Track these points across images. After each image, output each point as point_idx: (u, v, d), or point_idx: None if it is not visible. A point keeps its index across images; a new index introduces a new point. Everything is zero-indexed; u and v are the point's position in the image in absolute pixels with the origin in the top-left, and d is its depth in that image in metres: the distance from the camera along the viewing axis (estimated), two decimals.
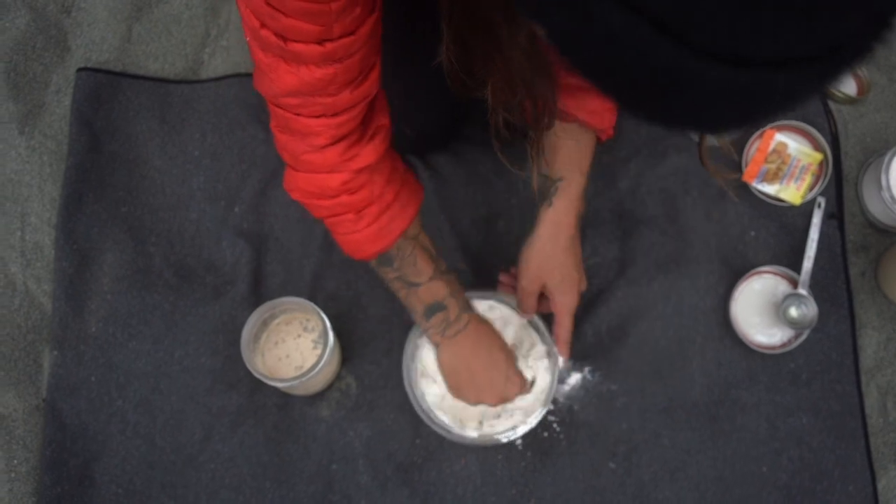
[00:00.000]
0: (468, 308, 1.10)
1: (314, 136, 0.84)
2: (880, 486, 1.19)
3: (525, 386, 1.14)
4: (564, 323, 1.12)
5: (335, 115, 0.82)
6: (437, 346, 1.11)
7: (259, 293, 1.28)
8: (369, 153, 0.88)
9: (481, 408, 1.15)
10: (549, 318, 1.15)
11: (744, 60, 0.39)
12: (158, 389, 1.26)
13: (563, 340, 1.13)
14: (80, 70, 1.38)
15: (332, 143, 0.85)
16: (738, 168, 1.27)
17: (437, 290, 1.05)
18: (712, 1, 0.37)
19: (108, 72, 1.38)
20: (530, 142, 0.90)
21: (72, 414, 1.25)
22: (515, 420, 1.15)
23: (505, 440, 1.15)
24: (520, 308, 1.14)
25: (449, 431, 1.15)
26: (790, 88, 0.41)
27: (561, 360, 1.16)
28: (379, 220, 0.95)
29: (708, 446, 1.20)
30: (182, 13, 1.41)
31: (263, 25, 0.71)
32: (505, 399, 1.12)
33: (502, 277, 1.19)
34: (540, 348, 1.17)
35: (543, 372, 1.16)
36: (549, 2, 0.43)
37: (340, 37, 0.72)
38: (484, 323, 1.13)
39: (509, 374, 1.12)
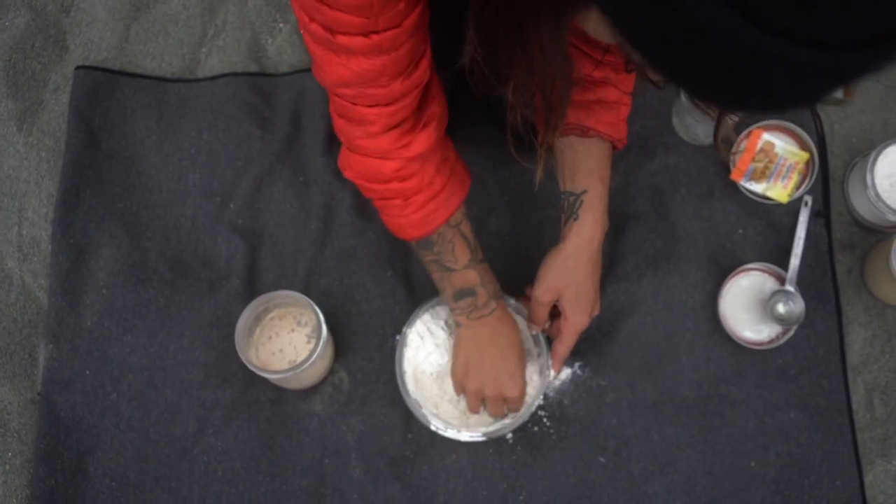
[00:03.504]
0: (498, 297, 1.12)
1: (369, 124, 0.87)
2: (867, 480, 1.20)
3: (522, 396, 1.15)
4: (567, 341, 1.13)
5: (388, 104, 0.85)
6: (459, 325, 1.12)
7: (253, 288, 1.29)
8: (422, 141, 0.91)
9: (465, 411, 1.17)
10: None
11: (822, 43, 0.42)
12: (153, 383, 1.26)
13: (559, 357, 1.14)
14: (78, 68, 1.39)
15: (386, 131, 0.88)
16: (726, 168, 1.29)
17: (470, 277, 1.07)
18: None
19: (105, 70, 1.40)
20: (542, 140, 0.91)
21: (66, 407, 1.26)
22: (505, 422, 1.17)
23: (496, 437, 1.16)
24: (530, 318, 1.15)
25: (441, 429, 1.17)
26: (859, 68, 0.44)
27: (551, 373, 1.18)
28: (426, 208, 0.98)
29: (697, 441, 1.22)
30: (179, 13, 1.43)
31: (312, 19, 0.75)
32: (502, 395, 1.13)
33: (528, 291, 1.19)
34: (533, 353, 1.18)
35: (534, 375, 1.18)
36: None
37: (386, 29, 0.75)
38: (509, 316, 1.14)
39: (515, 374, 1.13)
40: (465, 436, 1.16)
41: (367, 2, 0.71)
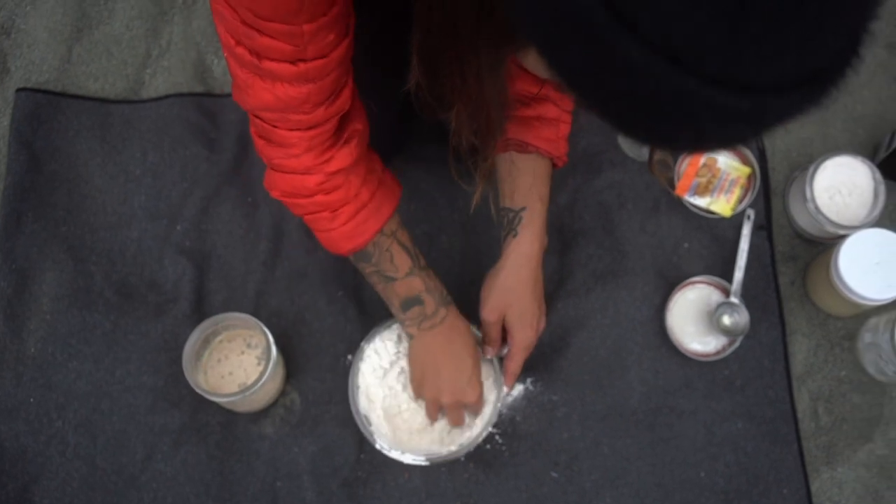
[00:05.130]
0: (446, 302, 1.11)
1: (290, 146, 0.87)
2: (813, 487, 1.22)
3: (480, 401, 1.15)
4: (517, 358, 1.14)
5: (309, 128, 0.85)
6: (411, 336, 1.12)
7: (202, 311, 1.28)
8: (343, 157, 0.91)
9: (425, 435, 1.17)
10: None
11: (748, 87, 0.43)
12: (99, 409, 1.24)
13: (511, 373, 1.16)
14: (19, 90, 1.37)
15: (307, 152, 0.88)
16: (671, 183, 1.31)
17: (413, 284, 1.06)
18: (723, 37, 0.41)
19: (47, 92, 1.38)
20: (478, 164, 0.92)
21: (10, 436, 1.23)
22: (458, 445, 1.17)
23: (448, 459, 1.16)
24: (484, 339, 1.16)
25: (393, 451, 1.16)
26: (783, 110, 0.46)
27: (504, 389, 1.18)
28: (355, 219, 0.97)
29: (647, 453, 1.23)
30: (123, 34, 1.42)
31: (239, 43, 0.74)
32: (460, 401, 1.13)
33: None
34: (488, 370, 1.18)
35: (490, 394, 1.18)
36: (567, 40, 0.46)
37: (314, 58, 0.75)
38: (460, 320, 1.13)
39: (472, 379, 1.13)
40: (407, 458, 1.16)
41: (298, 30, 0.71)
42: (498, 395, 1.18)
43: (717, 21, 0.41)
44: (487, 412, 1.18)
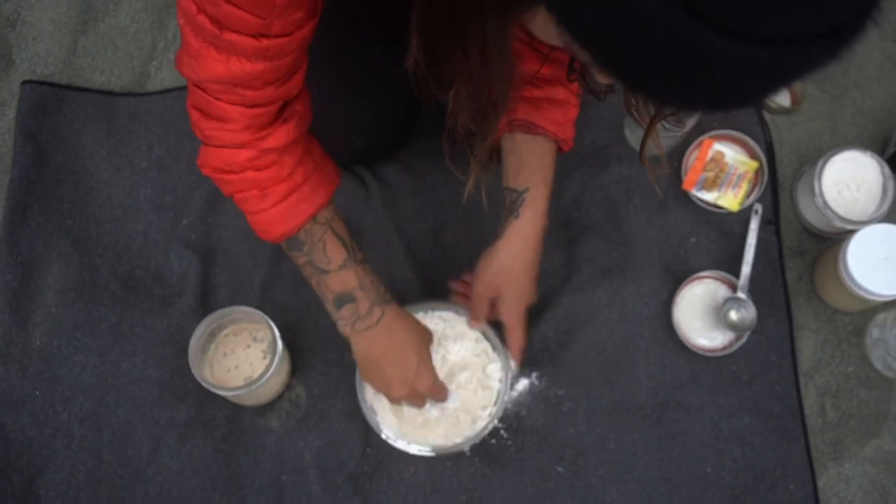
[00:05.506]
0: (383, 301, 1.05)
1: (230, 121, 0.84)
2: (820, 483, 1.22)
3: (440, 390, 1.12)
4: (516, 332, 1.13)
5: (253, 106, 0.83)
6: (346, 337, 1.07)
7: (207, 304, 1.28)
8: (280, 135, 0.88)
9: (430, 428, 1.16)
10: (497, 326, 1.16)
11: (766, 39, 0.43)
12: (105, 402, 1.24)
13: (516, 347, 1.14)
14: (24, 83, 1.37)
15: (245, 129, 0.86)
16: (678, 176, 1.30)
17: (346, 279, 1.01)
18: None
19: (52, 84, 1.37)
20: (474, 148, 0.91)
21: (16, 429, 1.23)
22: (465, 434, 1.16)
23: (453, 452, 1.15)
24: (472, 313, 1.15)
25: (399, 444, 1.16)
26: (801, 65, 0.45)
27: (513, 364, 1.17)
28: (287, 200, 0.93)
29: (654, 448, 1.22)
30: (129, 26, 1.42)
31: (201, 11, 0.72)
32: (412, 392, 1.09)
33: (454, 285, 1.20)
34: (495, 365, 1.17)
35: (496, 383, 1.17)
36: None
37: (278, 35, 0.73)
38: (399, 318, 1.07)
39: (420, 369, 1.09)
40: (413, 448, 1.15)
41: (270, 1, 0.69)
42: (505, 382, 1.16)
43: None
44: (494, 406, 1.17)
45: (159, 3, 1.43)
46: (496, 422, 1.17)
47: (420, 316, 1.16)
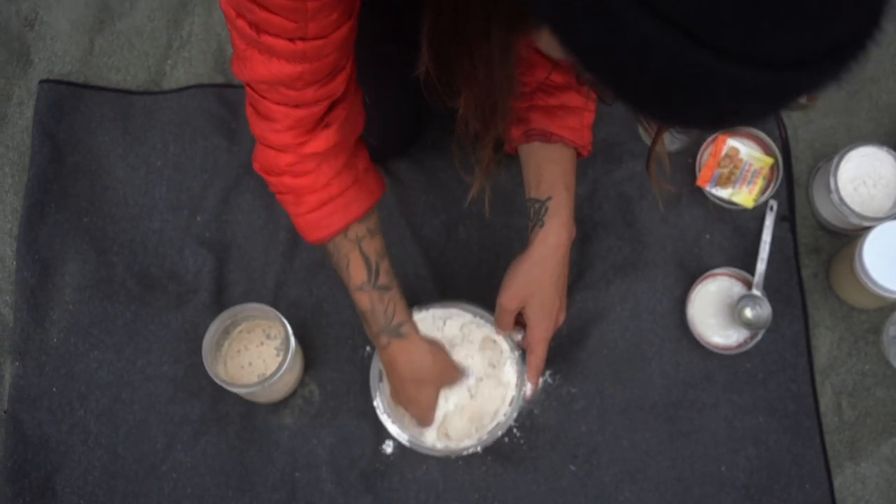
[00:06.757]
0: (391, 331, 1.05)
1: (274, 121, 0.86)
2: (836, 483, 1.21)
3: (425, 422, 1.13)
4: (537, 351, 1.10)
5: (297, 106, 0.84)
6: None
7: (221, 301, 1.29)
8: (320, 141, 0.89)
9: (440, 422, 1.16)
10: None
11: (765, 62, 0.43)
12: (120, 399, 1.25)
13: (534, 369, 1.11)
14: (42, 82, 1.38)
15: (289, 130, 0.88)
16: (692, 174, 1.30)
17: (360, 301, 1.04)
18: (739, 9, 0.41)
19: (69, 83, 1.39)
20: (477, 154, 0.91)
21: (33, 425, 1.24)
22: (479, 436, 1.15)
23: (466, 453, 1.15)
24: (497, 324, 1.13)
25: (411, 443, 1.15)
26: (802, 87, 0.45)
27: (529, 388, 1.13)
28: (319, 211, 0.95)
29: (667, 447, 1.22)
30: (144, 26, 1.43)
31: (239, 15, 0.74)
32: (410, 412, 1.13)
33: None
34: (511, 367, 1.16)
35: (511, 385, 1.15)
36: (579, 17, 0.45)
37: (314, 38, 0.75)
38: (404, 352, 1.07)
39: (412, 405, 1.11)
40: (422, 448, 1.14)
41: (302, 6, 0.70)
42: (519, 389, 1.15)
43: None
44: (509, 405, 1.16)
45: (175, 3, 1.44)
46: (511, 422, 1.16)
47: (438, 314, 1.15)
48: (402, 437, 1.15)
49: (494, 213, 1.30)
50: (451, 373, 1.13)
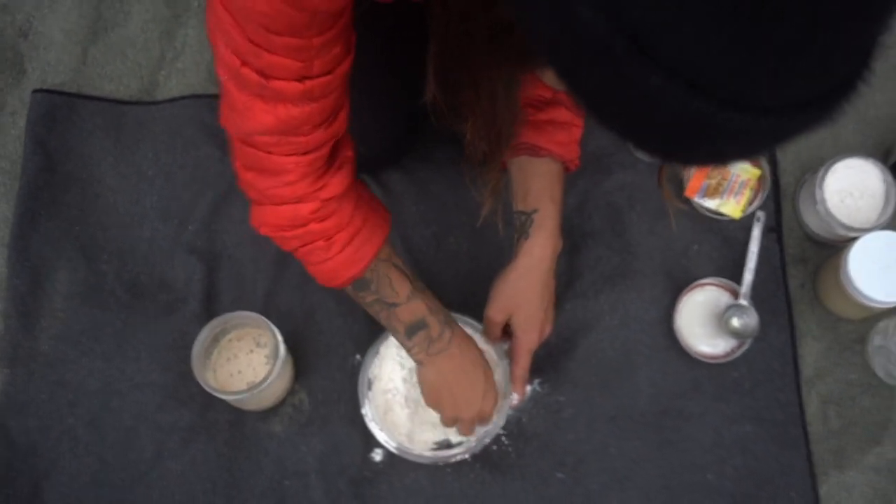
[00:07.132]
0: (449, 323, 1.07)
1: (286, 173, 0.85)
2: (822, 492, 1.21)
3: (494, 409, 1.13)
4: (521, 361, 1.12)
5: (306, 153, 0.83)
6: (420, 363, 1.08)
7: (211, 310, 1.29)
8: (337, 183, 0.89)
9: (433, 432, 1.16)
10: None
11: (766, 109, 0.44)
12: (109, 407, 1.25)
13: (518, 379, 1.13)
14: (35, 91, 1.39)
15: (302, 179, 0.87)
16: (680, 185, 1.31)
17: (416, 308, 1.03)
18: (739, 62, 0.42)
19: (62, 93, 1.39)
20: (485, 176, 0.92)
21: (21, 432, 1.24)
22: (465, 446, 1.16)
23: (454, 460, 1.15)
24: (484, 335, 1.15)
25: (400, 450, 1.16)
26: (798, 127, 0.47)
27: (515, 398, 1.15)
28: (351, 245, 0.95)
29: (655, 455, 1.22)
30: (138, 36, 1.44)
31: (245, 64, 0.72)
32: (480, 415, 1.11)
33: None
34: (498, 373, 1.17)
35: (500, 385, 1.17)
36: (585, 66, 0.47)
37: (319, 75, 0.74)
38: (466, 338, 1.09)
39: (486, 391, 1.10)
40: (411, 455, 1.15)
41: (308, 44, 0.70)
42: (506, 397, 1.17)
43: (736, 46, 0.41)
44: (497, 413, 1.17)
45: (168, 14, 1.45)
46: (498, 430, 1.17)
47: None
48: (391, 445, 1.16)
49: (486, 224, 1.32)
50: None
